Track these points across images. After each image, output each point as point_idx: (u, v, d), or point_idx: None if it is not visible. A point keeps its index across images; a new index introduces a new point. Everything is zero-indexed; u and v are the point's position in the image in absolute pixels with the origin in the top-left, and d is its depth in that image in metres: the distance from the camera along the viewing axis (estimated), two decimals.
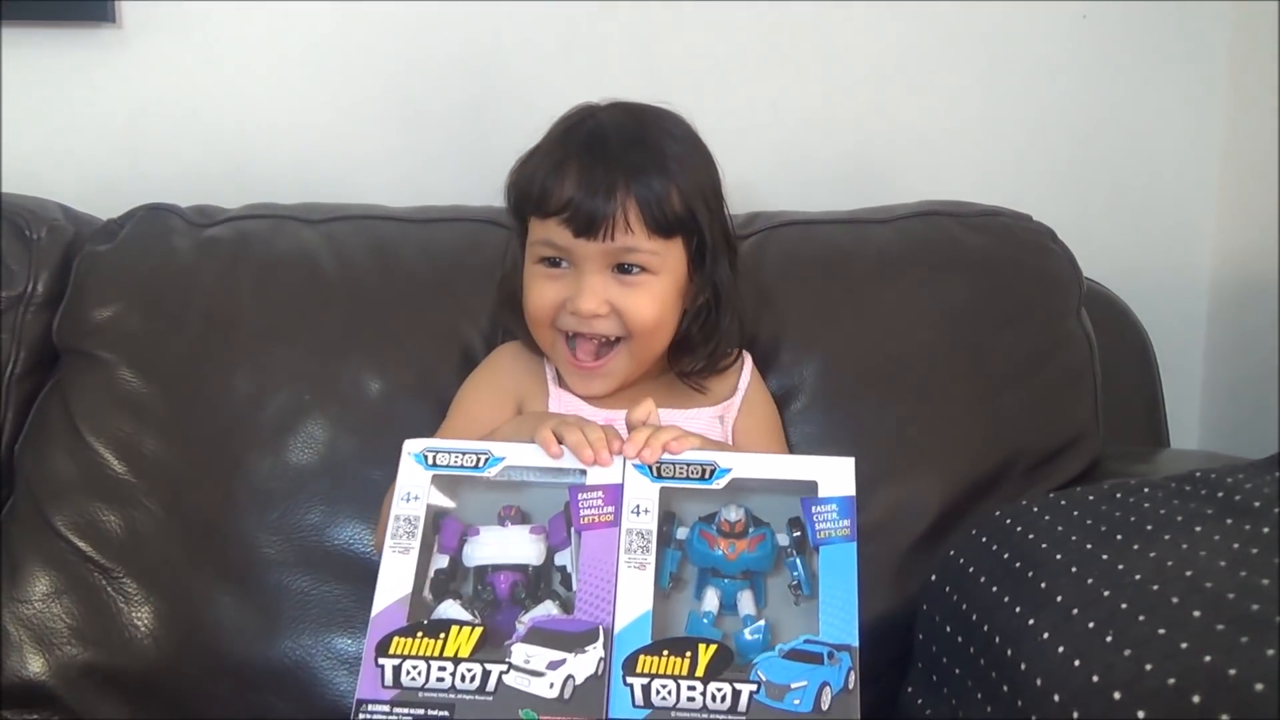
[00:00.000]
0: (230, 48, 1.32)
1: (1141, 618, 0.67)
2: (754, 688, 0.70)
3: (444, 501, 0.79)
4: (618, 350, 0.92)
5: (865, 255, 1.11)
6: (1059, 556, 0.78)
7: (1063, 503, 0.86)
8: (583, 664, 0.71)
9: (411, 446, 0.80)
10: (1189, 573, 0.69)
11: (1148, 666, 0.62)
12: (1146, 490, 0.84)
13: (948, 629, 0.86)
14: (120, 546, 1.00)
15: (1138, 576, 0.71)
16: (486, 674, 0.71)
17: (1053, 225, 1.14)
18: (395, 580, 0.75)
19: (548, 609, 0.75)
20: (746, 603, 0.76)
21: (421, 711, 0.70)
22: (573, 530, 0.77)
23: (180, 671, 0.97)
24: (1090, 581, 0.73)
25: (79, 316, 1.09)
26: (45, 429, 1.06)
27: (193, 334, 1.06)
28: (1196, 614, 0.64)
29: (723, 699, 0.70)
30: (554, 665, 0.71)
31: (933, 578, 0.90)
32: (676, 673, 0.70)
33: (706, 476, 0.77)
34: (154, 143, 1.33)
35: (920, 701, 0.90)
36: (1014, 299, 1.08)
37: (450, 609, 0.75)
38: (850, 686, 0.70)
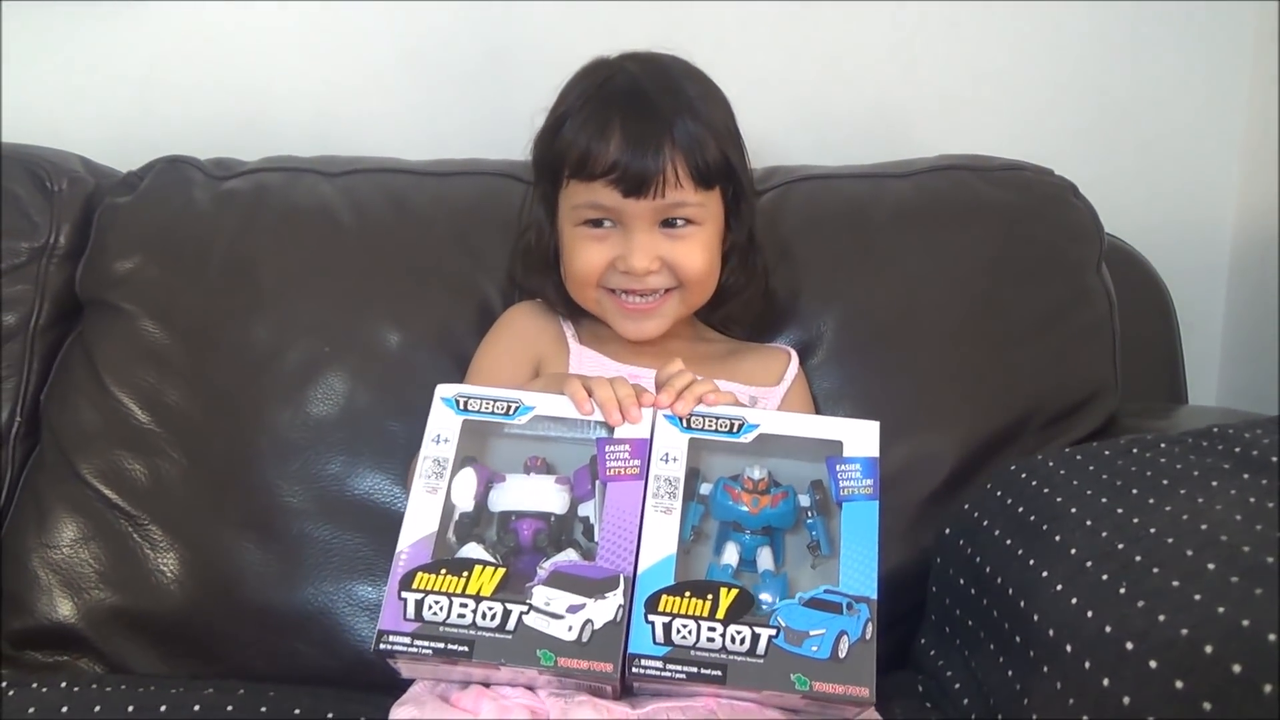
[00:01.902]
0: (248, 4, 1.32)
1: (1155, 570, 0.67)
2: (773, 632, 0.71)
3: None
4: (669, 296, 0.93)
5: (884, 209, 1.10)
6: (1073, 510, 0.79)
7: (1078, 457, 0.86)
8: (602, 609, 0.72)
9: (444, 391, 0.80)
10: (1204, 526, 0.69)
11: (1161, 618, 0.63)
12: (1163, 445, 0.84)
13: (961, 581, 0.87)
14: (145, 494, 1.01)
15: (1152, 530, 0.72)
16: (507, 613, 0.72)
17: (1074, 180, 1.13)
18: (423, 518, 0.76)
19: (570, 556, 0.76)
20: (765, 559, 0.76)
21: (441, 645, 0.71)
22: (598, 481, 0.77)
23: (205, 616, 0.99)
24: (1104, 535, 0.74)
25: (101, 268, 1.09)
26: (70, 379, 1.07)
27: (212, 285, 1.07)
28: (1211, 566, 0.64)
29: (742, 641, 0.71)
30: (574, 609, 0.72)
31: (946, 530, 0.91)
32: (697, 613, 0.71)
33: (735, 430, 0.78)
34: (173, 96, 1.33)
35: (933, 653, 0.91)
36: (1034, 253, 1.08)
37: (473, 551, 0.76)
38: (867, 637, 0.71)
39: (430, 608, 0.72)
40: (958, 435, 1.01)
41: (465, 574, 0.73)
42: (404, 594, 0.73)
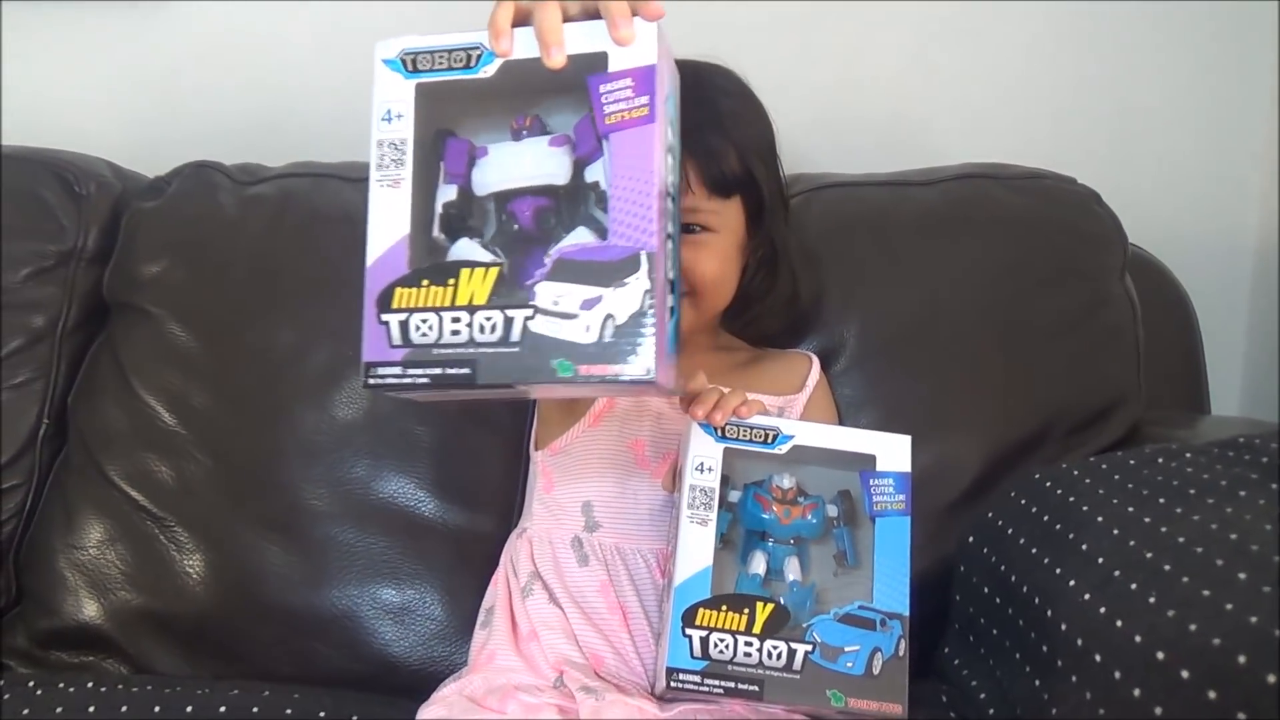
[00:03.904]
0: (274, 7, 1.33)
1: (1185, 579, 0.67)
2: (809, 648, 0.71)
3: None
4: (682, 301, 0.93)
5: (907, 217, 1.10)
6: (1100, 519, 0.78)
7: (1103, 466, 0.86)
8: (623, 299, 0.59)
9: (384, 50, 0.65)
10: (1233, 536, 0.69)
11: (1192, 626, 0.63)
12: (1189, 455, 0.83)
13: (985, 590, 0.87)
14: (171, 496, 1.02)
15: (1181, 539, 0.71)
16: (509, 321, 0.60)
17: (1097, 189, 1.13)
18: (388, 218, 0.63)
19: (582, 239, 0.62)
20: (793, 568, 0.77)
21: (439, 370, 0.60)
22: (598, 134, 0.62)
23: (229, 618, 0.99)
24: (1133, 544, 0.73)
25: (128, 271, 1.11)
26: (97, 381, 1.08)
27: (238, 289, 1.08)
28: (1242, 576, 0.64)
29: (778, 657, 0.71)
30: (589, 304, 0.59)
31: (970, 538, 0.91)
32: (734, 628, 0.72)
33: (769, 441, 0.77)
34: (199, 101, 1.35)
35: (957, 662, 0.90)
36: (1057, 261, 1.07)
37: (466, 248, 0.63)
38: (900, 653, 0.72)
39: (418, 328, 0.60)
40: (980, 443, 1.01)
41: (451, 281, 0.60)
42: (384, 316, 0.61)
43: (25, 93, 1.33)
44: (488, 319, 0.59)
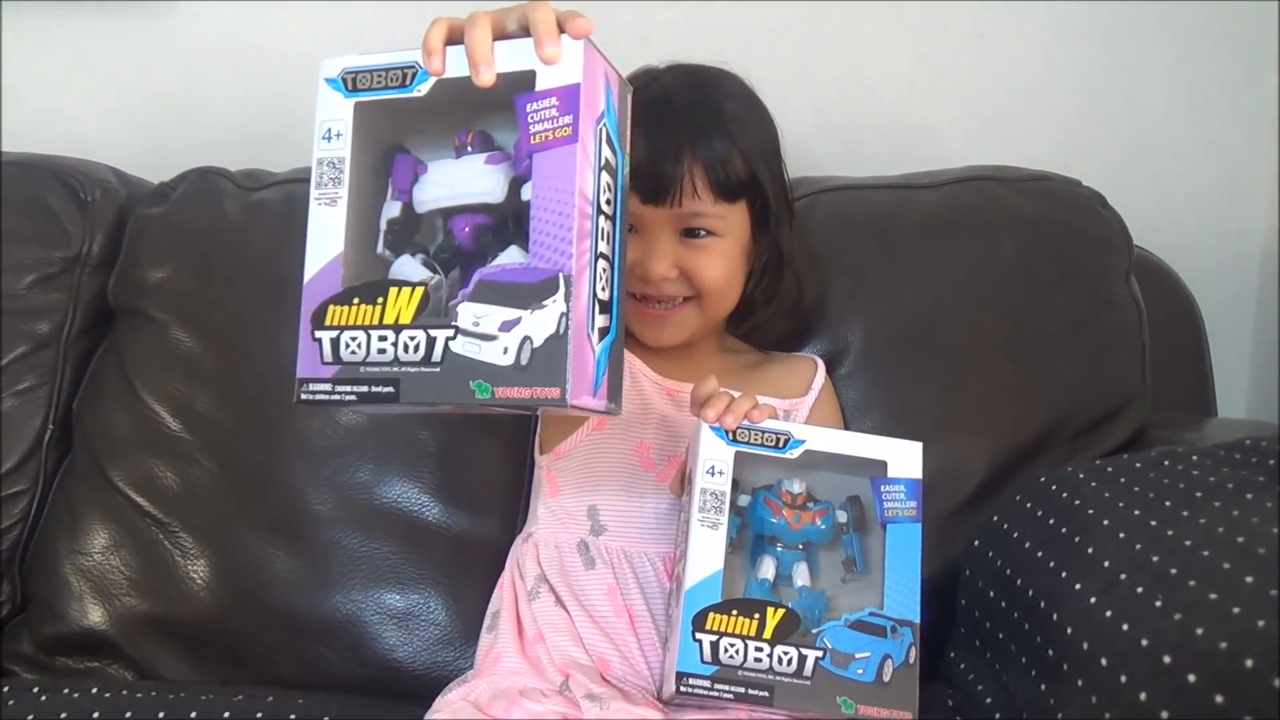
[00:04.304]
0: (279, 13, 1.33)
1: (1192, 583, 0.66)
2: (820, 654, 0.71)
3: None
4: (687, 305, 0.93)
5: (912, 220, 1.10)
6: (1105, 522, 0.78)
7: (1109, 469, 0.85)
8: (541, 322, 0.60)
9: (328, 69, 0.65)
10: (1240, 539, 0.69)
11: (1199, 630, 0.62)
12: (1195, 458, 0.83)
13: (991, 593, 0.86)
14: (176, 501, 1.02)
15: (1187, 542, 0.71)
16: (432, 341, 0.60)
17: (1102, 191, 1.13)
18: (325, 236, 0.64)
19: (510, 256, 0.63)
20: (801, 574, 0.77)
21: (365, 388, 0.62)
22: (527, 155, 0.62)
23: (234, 623, 0.99)
24: (1138, 547, 0.73)
25: (133, 277, 1.11)
26: (102, 387, 1.08)
27: (243, 295, 1.08)
28: (1249, 579, 0.64)
29: (789, 662, 0.71)
30: (507, 326, 0.60)
31: (975, 542, 0.91)
32: (745, 633, 0.71)
33: (781, 445, 0.77)
34: (204, 108, 1.35)
35: (963, 666, 0.90)
36: (1062, 263, 1.07)
37: (407, 265, 0.65)
38: (910, 661, 0.72)
39: (347, 345, 0.61)
40: (986, 446, 1.01)
41: (380, 300, 0.61)
42: (317, 333, 0.63)
43: (31, 99, 1.34)
44: (412, 338, 0.60)
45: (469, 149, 0.65)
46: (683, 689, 0.71)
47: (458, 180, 0.65)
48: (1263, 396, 1.37)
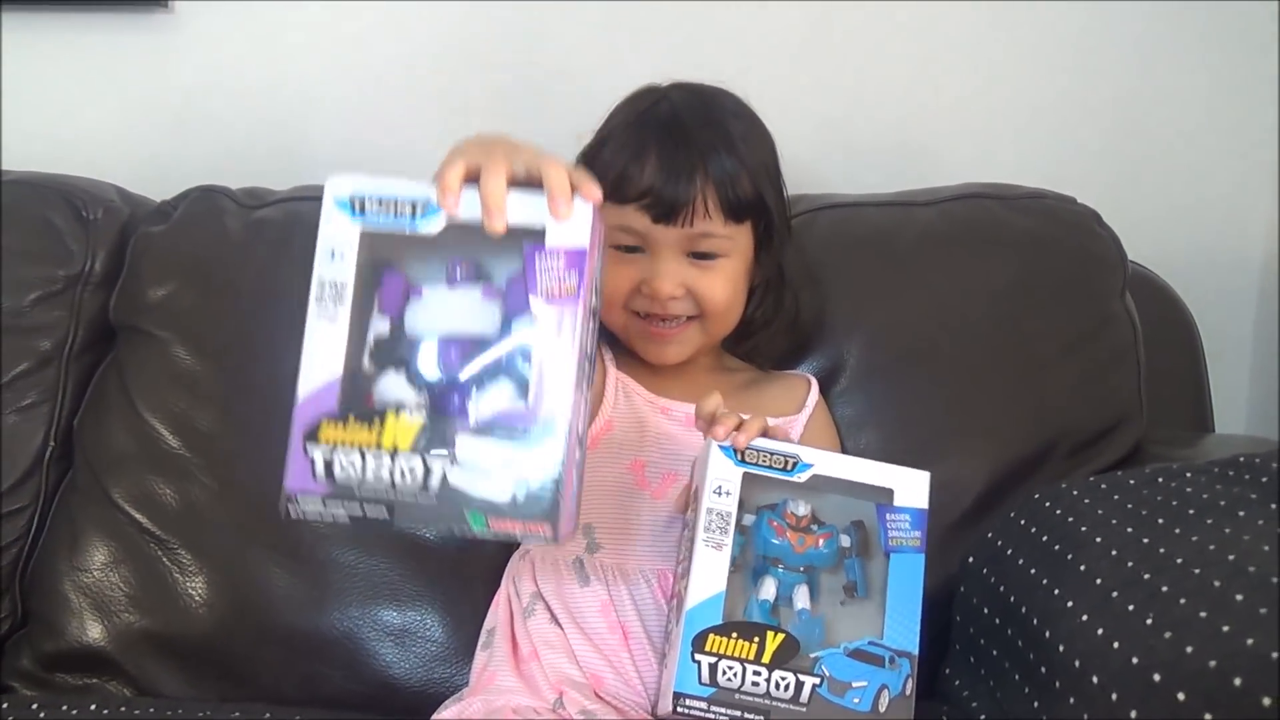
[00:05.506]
0: (280, 32, 1.35)
1: (1183, 601, 0.67)
2: (817, 681, 0.71)
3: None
4: (691, 324, 0.94)
5: (909, 237, 1.10)
6: (1098, 539, 0.78)
7: (1103, 486, 0.86)
8: (538, 463, 0.63)
9: (337, 188, 0.66)
10: (1231, 556, 0.69)
11: (1189, 649, 0.62)
12: (1188, 475, 0.83)
13: (985, 611, 0.86)
14: (175, 518, 1.03)
15: (1179, 560, 0.71)
16: (429, 471, 0.63)
17: (1099, 207, 1.13)
18: (323, 357, 0.65)
19: (504, 391, 0.65)
20: (802, 596, 0.76)
21: (359, 511, 0.63)
22: (532, 297, 0.65)
23: (232, 639, 1.00)
24: (1130, 564, 0.73)
25: (135, 295, 1.12)
26: (103, 404, 1.09)
27: (244, 313, 1.09)
28: (1239, 597, 0.64)
29: (786, 688, 0.71)
30: (506, 464, 0.63)
31: (970, 559, 0.91)
32: (743, 656, 0.71)
33: (789, 469, 0.76)
34: (205, 126, 1.36)
35: (958, 683, 0.90)
36: (1058, 281, 1.08)
37: (392, 383, 0.66)
38: (907, 692, 0.72)
39: (341, 465, 0.63)
40: (982, 463, 1.01)
41: (378, 423, 0.63)
42: (310, 448, 0.64)
43: (33, 117, 1.35)
44: (409, 465, 0.62)
45: (460, 277, 0.67)
46: (679, 709, 0.71)
47: (454, 311, 0.66)
48: (1261, 412, 1.37)
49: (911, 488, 0.77)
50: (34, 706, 0.88)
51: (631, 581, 0.86)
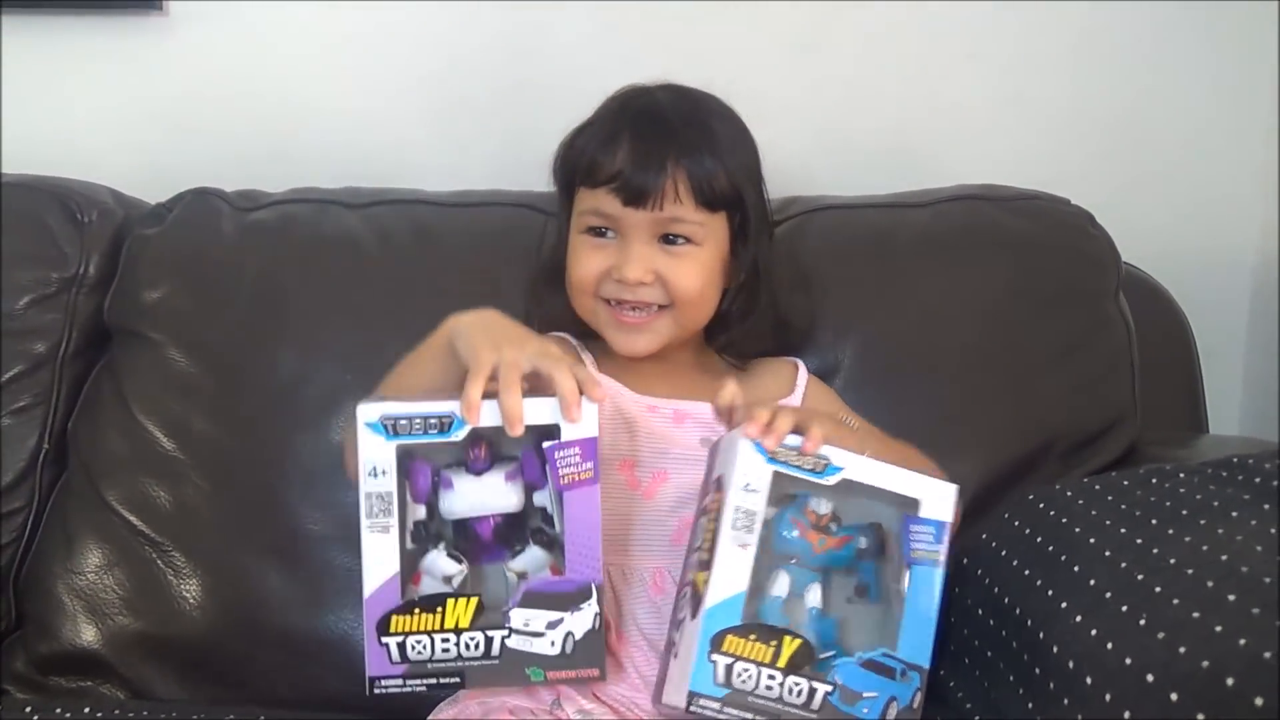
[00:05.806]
0: (274, 35, 1.35)
1: (1176, 601, 0.67)
2: (829, 689, 0.71)
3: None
4: (661, 314, 0.93)
5: (904, 238, 1.11)
6: (1092, 540, 0.78)
7: (1096, 487, 0.86)
8: (580, 620, 0.73)
9: (367, 414, 0.74)
10: (1224, 557, 0.69)
11: (1182, 649, 0.63)
12: (1182, 475, 0.83)
13: (979, 612, 0.86)
14: (170, 521, 1.03)
15: (1172, 561, 0.71)
16: (489, 640, 0.73)
17: (1092, 209, 1.14)
18: (381, 560, 0.73)
19: (536, 559, 0.76)
20: (815, 595, 0.76)
21: (434, 680, 0.73)
22: (552, 489, 0.76)
23: (227, 642, 1.00)
24: (1124, 565, 0.73)
25: (129, 298, 1.11)
26: (98, 407, 1.09)
27: (239, 315, 1.09)
28: (1231, 598, 0.64)
29: (799, 694, 0.71)
30: (553, 625, 0.73)
31: (964, 560, 0.91)
32: (760, 659, 0.71)
33: (819, 471, 0.75)
34: (199, 128, 1.36)
35: (952, 684, 0.90)
36: (1052, 283, 1.08)
37: (436, 559, 0.76)
38: (915, 705, 0.73)
39: (413, 648, 0.72)
40: (976, 464, 1.01)
41: (439, 609, 0.73)
42: (384, 639, 0.73)
43: (28, 120, 1.35)
44: (472, 639, 0.72)
45: (479, 462, 0.76)
46: (693, 709, 0.71)
47: (484, 496, 0.76)
48: (1255, 413, 1.38)
49: (938, 499, 0.77)
50: (28, 710, 0.88)
51: (626, 581, 0.86)
